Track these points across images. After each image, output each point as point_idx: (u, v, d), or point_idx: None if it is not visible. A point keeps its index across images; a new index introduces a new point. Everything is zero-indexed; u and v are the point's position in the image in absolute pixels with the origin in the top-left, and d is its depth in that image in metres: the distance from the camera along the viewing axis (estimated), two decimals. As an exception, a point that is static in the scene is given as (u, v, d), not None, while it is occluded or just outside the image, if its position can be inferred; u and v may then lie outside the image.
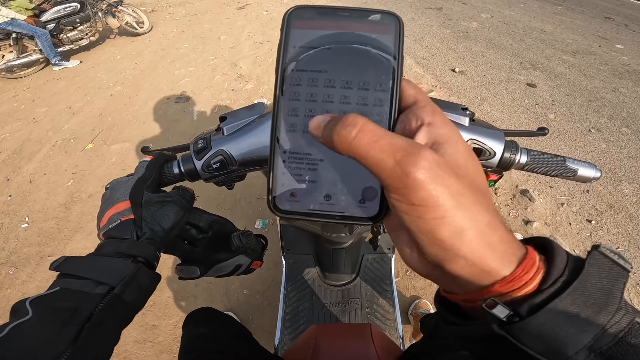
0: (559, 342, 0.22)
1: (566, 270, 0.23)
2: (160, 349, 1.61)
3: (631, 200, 2.12)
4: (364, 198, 0.27)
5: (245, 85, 3.63)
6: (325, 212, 0.27)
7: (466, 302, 0.26)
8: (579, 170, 0.59)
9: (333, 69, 0.27)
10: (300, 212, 0.27)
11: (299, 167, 0.27)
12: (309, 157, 0.27)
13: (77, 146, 2.99)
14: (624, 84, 3.27)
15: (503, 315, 0.23)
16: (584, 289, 0.22)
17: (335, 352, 0.76)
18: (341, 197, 0.27)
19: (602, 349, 0.21)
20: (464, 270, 0.23)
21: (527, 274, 0.23)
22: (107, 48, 5.11)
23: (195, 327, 0.80)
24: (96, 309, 0.38)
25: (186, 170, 0.54)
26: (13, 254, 2.10)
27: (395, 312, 1.20)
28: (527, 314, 0.22)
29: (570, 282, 0.22)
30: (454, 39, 4.35)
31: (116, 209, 0.48)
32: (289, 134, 0.27)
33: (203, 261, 0.58)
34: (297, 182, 0.27)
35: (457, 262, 0.23)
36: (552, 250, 0.24)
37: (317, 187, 0.27)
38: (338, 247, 1.09)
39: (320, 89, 0.27)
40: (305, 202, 0.27)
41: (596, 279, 0.23)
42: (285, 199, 0.27)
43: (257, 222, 2.13)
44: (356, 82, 0.26)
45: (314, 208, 0.27)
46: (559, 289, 0.22)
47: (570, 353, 0.21)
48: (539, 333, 0.22)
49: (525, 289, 0.23)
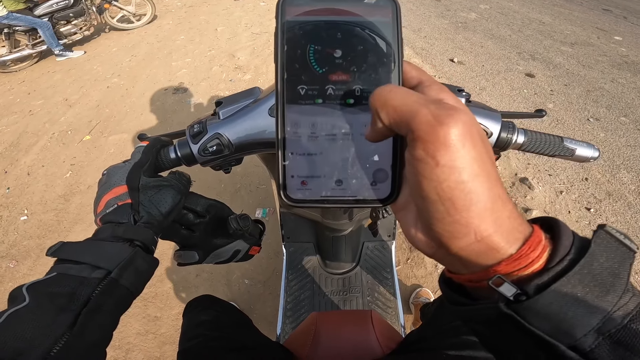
0: (567, 323, 0.21)
1: (572, 248, 0.23)
2: (163, 340, 1.62)
3: (630, 189, 2.13)
4: (376, 180, 0.27)
5: (244, 75, 3.60)
6: (337, 198, 0.27)
7: (471, 283, 0.25)
8: (577, 150, 0.59)
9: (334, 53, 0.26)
10: (313, 200, 0.27)
11: (308, 155, 0.27)
12: (318, 144, 0.27)
13: (75, 138, 2.98)
14: (623, 75, 3.26)
15: (510, 294, 0.22)
16: (590, 268, 0.22)
17: (335, 338, 0.76)
18: (352, 182, 0.27)
19: (610, 331, 0.21)
20: (471, 247, 0.23)
21: (534, 252, 0.22)
22: (102, 41, 5.05)
23: (196, 314, 0.80)
24: (93, 294, 0.38)
25: (183, 154, 0.54)
26: (13, 247, 2.09)
27: (396, 300, 1.21)
28: (535, 293, 0.22)
29: (577, 261, 0.22)
30: (452, 30, 4.32)
31: (113, 193, 0.47)
32: (295, 124, 0.26)
33: (201, 246, 0.57)
34: (307, 170, 0.27)
35: (466, 238, 0.22)
36: (558, 229, 0.24)
37: (328, 173, 0.27)
38: (338, 235, 1.09)
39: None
40: (317, 189, 0.27)
41: (603, 259, 0.22)
42: (296, 188, 0.27)
43: (258, 211, 2.13)
44: (358, 65, 0.26)
45: (326, 195, 0.27)
46: (565, 267, 0.22)
47: (579, 335, 0.21)
48: (546, 313, 0.21)
49: (532, 268, 0.22)
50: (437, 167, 0.21)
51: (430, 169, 0.21)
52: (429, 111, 0.21)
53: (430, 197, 0.22)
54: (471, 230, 0.22)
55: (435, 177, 0.21)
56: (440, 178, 0.21)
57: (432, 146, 0.21)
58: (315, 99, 0.26)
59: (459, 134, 0.21)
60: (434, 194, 0.22)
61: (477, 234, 0.22)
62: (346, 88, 0.26)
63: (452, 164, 0.21)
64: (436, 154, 0.21)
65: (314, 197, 0.27)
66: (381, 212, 0.80)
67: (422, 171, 0.22)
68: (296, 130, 0.26)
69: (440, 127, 0.21)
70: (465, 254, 0.23)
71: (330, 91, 0.26)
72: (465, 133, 0.21)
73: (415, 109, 0.22)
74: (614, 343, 0.21)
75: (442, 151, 0.21)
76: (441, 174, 0.21)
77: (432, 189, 0.22)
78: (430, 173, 0.22)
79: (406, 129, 0.22)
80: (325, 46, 0.26)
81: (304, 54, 0.26)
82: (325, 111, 0.26)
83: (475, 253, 0.23)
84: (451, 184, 0.21)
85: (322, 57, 0.26)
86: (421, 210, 0.24)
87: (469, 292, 0.27)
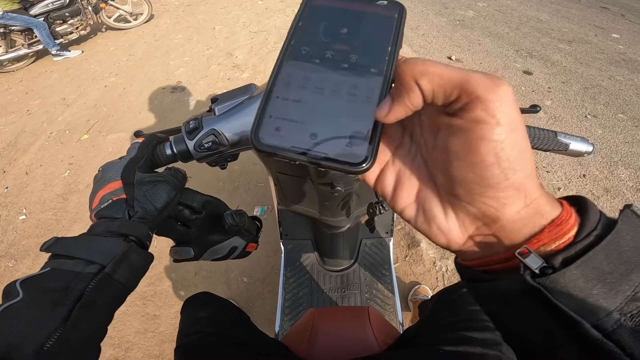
0: (591, 300, 0.21)
1: (599, 225, 0.23)
2: (162, 338, 1.62)
3: (627, 185, 2.13)
4: (352, 142, 0.26)
5: (242, 74, 3.60)
6: (308, 151, 0.26)
7: (495, 265, 0.25)
8: (571, 145, 0.59)
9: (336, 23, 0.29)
10: (281, 148, 0.26)
11: (292, 101, 0.27)
12: (304, 93, 0.27)
13: (73, 137, 2.97)
14: (620, 72, 3.26)
15: (536, 266, 0.22)
16: (617, 245, 0.22)
17: (332, 334, 0.76)
18: (327, 138, 0.26)
19: (632, 312, 0.21)
20: (521, 213, 0.23)
21: (571, 218, 0.23)
22: (100, 40, 5.04)
23: (194, 311, 0.80)
24: (87, 289, 0.38)
25: (179, 150, 0.54)
26: (12, 246, 2.09)
27: (394, 297, 1.21)
28: (561, 266, 0.21)
29: (603, 237, 0.22)
30: (450, 28, 4.31)
31: (108, 189, 0.47)
32: (289, 74, 0.28)
33: (197, 243, 0.57)
34: (286, 112, 0.27)
35: (517, 203, 0.23)
36: (586, 205, 0.24)
37: (304, 124, 0.26)
38: (336, 232, 1.09)
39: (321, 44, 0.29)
40: (289, 138, 0.26)
41: (629, 237, 0.22)
42: (269, 133, 0.27)
43: (256, 209, 2.13)
44: (359, 41, 0.28)
45: (296, 145, 0.26)
46: (592, 242, 0.22)
47: (602, 314, 0.21)
48: (572, 288, 0.21)
49: (565, 237, 0.22)
50: (498, 126, 0.21)
51: (491, 128, 0.21)
52: (480, 75, 0.22)
53: (487, 160, 0.22)
54: (522, 193, 0.22)
55: (496, 136, 0.21)
56: (500, 137, 0.21)
57: (493, 105, 0.21)
58: (313, 59, 0.28)
59: (511, 93, 0.22)
60: (492, 155, 0.22)
61: (528, 197, 0.22)
62: (343, 54, 0.28)
63: (509, 121, 0.21)
64: (497, 112, 0.21)
65: (284, 145, 0.26)
66: (378, 208, 0.80)
67: (482, 133, 0.22)
68: (288, 79, 0.28)
69: (500, 86, 0.21)
70: (513, 221, 0.23)
71: (329, 55, 0.28)
72: (512, 93, 0.22)
73: (464, 73, 0.22)
74: (637, 324, 0.21)
75: (503, 108, 0.21)
76: (501, 132, 0.21)
77: (490, 150, 0.22)
78: (490, 133, 0.21)
79: (458, 93, 0.22)
80: (334, 23, 0.29)
81: (315, 27, 0.29)
82: (320, 69, 0.28)
83: (523, 221, 0.23)
84: (510, 142, 0.22)
85: (329, 30, 0.29)
86: (466, 184, 0.24)
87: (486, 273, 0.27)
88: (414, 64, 0.23)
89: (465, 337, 0.64)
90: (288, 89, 0.27)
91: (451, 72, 0.22)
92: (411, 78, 0.23)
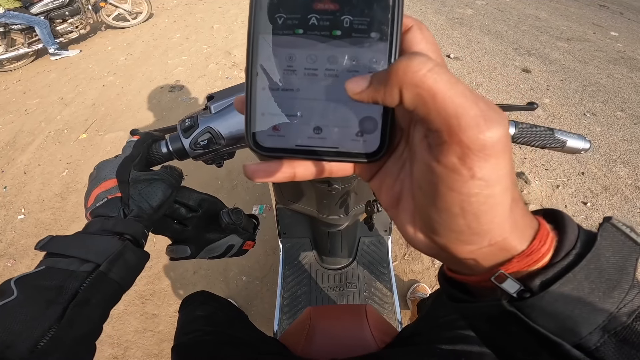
0: (572, 320, 0.20)
1: (578, 242, 0.21)
2: (161, 337, 1.62)
3: (626, 183, 2.13)
4: (362, 130, 0.23)
5: (240, 72, 3.59)
6: (315, 148, 0.23)
7: (474, 282, 0.24)
8: (568, 142, 0.60)
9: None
10: (285, 149, 0.23)
11: (283, 91, 0.23)
12: (295, 80, 0.22)
13: (71, 136, 2.96)
14: (619, 70, 3.26)
15: (513, 291, 0.21)
16: (597, 263, 0.21)
17: (330, 332, 0.76)
18: (334, 130, 0.23)
19: (616, 329, 0.20)
20: (481, 251, 0.21)
21: (544, 246, 0.21)
22: (98, 39, 5.02)
23: (192, 310, 0.80)
24: (81, 287, 0.38)
25: (174, 148, 0.54)
26: (11, 246, 2.09)
27: (393, 295, 1.21)
28: (539, 289, 0.21)
29: (583, 255, 0.21)
30: (449, 26, 4.31)
31: (103, 187, 0.47)
32: (270, 56, 0.22)
33: (194, 241, 0.57)
34: (280, 107, 0.23)
35: (478, 244, 0.21)
36: (563, 222, 0.22)
37: (305, 118, 0.23)
38: (334, 230, 1.09)
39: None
40: (291, 136, 0.23)
41: (609, 253, 0.21)
42: (267, 134, 0.23)
43: (255, 208, 2.13)
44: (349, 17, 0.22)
45: (302, 143, 0.23)
46: (571, 262, 0.21)
47: (584, 333, 0.20)
48: (551, 310, 0.20)
49: (539, 263, 0.21)
50: (472, 180, 0.18)
51: (463, 181, 0.18)
52: (479, 112, 0.17)
53: (452, 211, 0.20)
54: (486, 238, 0.20)
55: (465, 190, 0.18)
56: (471, 192, 0.18)
57: (474, 156, 0.18)
58: (294, 29, 0.22)
59: (504, 143, 0.18)
60: (458, 207, 0.19)
61: (492, 240, 0.20)
62: (332, 18, 0.21)
63: (489, 177, 0.18)
64: (475, 165, 0.18)
65: (287, 145, 0.23)
66: (376, 206, 0.80)
67: (451, 183, 0.19)
68: (270, 63, 0.22)
69: (489, 134, 0.17)
70: (473, 257, 0.21)
71: (314, 20, 0.21)
72: (508, 142, 0.18)
73: (464, 106, 0.17)
74: (620, 341, 0.20)
75: (482, 163, 0.18)
76: (473, 187, 0.18)
77: (456, 202, 0.19)
78: (460, 186, 0.18)
79: (440, 127, 0.18)
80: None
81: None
82: (306, 43, 0.22)
83: (484, 256, 0.21)
84: (480, 199, 0.19)
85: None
86: (429, 217, 0.21)
87: (469, 288, 0.26)
88: (408, 68, 0.18)
89: (463, 335, 0.63)
90: (273, 75, 0.22)
91: (450, 99, 0.17)
92: (396, 84, 0.18)
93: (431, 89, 0.17)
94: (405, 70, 0.18)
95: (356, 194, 0.93)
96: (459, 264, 0.23)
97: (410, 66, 0.18)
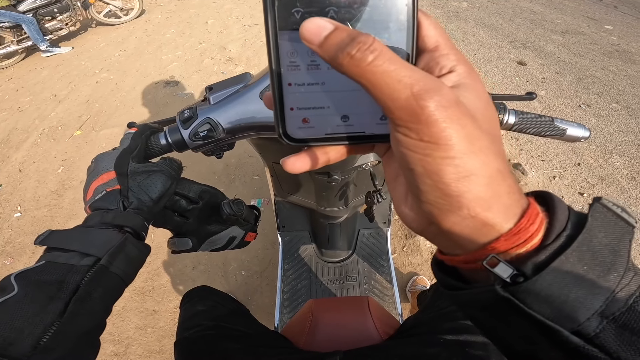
0: (569, 305, 0.20)
1: (569, 223, 0.21)
2: (162, 334, 1.62)
3: (622, 173, 2.14)
4: (385, 115, 0.24)
5: (235, 67, 3.57)
6: (344, 134, 0.25)
7: (466, 264, 0.23)
8: (568, 130, 0.60)
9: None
10: (316, 138, 0.25)
11: (309, 85, 0.23)
12: (319, 74, 0.23)
13: (65, 133, 2.94)
14: (613, 63, 3.27)
15: (506, 275, 0.20)
16: (590, 244, 0.20)
17: (333, 324, 0.76)
18: (360, 116, 0.24)
19: (614, 314, 0.20)
20: (464, 223, 0.21)
21: (532, 225, 0.21)
22: (90, 36, 4.96)
23: (192, 305, 0.80)
24: (82, 281, 0.37)
25: (173, 140, 0.53)
26: (8, 244, 2.08)
27: (393, 288, 1.21)
28: (533, 273, 0.20)
29: (574, 237, 0.20)
30: (444, 19, 4.30)
31: (101, 180, 0.46)
32: (291, 52, 0.23)
33: (195, 233, 0.57)
34: (309, 101, 0.24)
35: (458, 213, 0.20)
36: (553, 203, 0.22)
37: (332, 109, 0.24)
38: (333, 222, 1.09)
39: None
40: (320, 126, 0.25)
41: (602, 235, 0.21)
42: (297, 127, 0.25)
43: (253, 201, 2.12)
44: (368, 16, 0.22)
45: (331, 132, 0.25)
46: (563, 244, 0.20)
47: (582, 319, 0.20)
48: (546, 295, 0.20)
49: (530, 244, 0.21)
50: (421, 142, 0.19)
51: (414, 143, 0.20)
52: (410, 92, 0.19)
53: (416, 170, 0.20)
54: (463, 205, 0.20)
55: (419, 150, 0.20)
56: (425, 152, 0.19)
57: (413, 126, 0.19)
58: None
59: (443, 114, 0.19)
60: (419, 166, 0.20)
61: (470, 209, 0.20)
62: (351, 10, 0.22)
63: (436, 140, 0.19)
64: (419, 132, 0.19)
65: (318, 135, 0.25)
66: (376, 196, 0.79)
67: (405, 143, 0.20)
68: (293, 59, 0.23)
69: (422, 110, 0.19)
70: (458, 229, 0.21)
71: (332, 13, 0.22)
72: (450, 113, 0.19)
73: (393, 89, 0.19)
74: (620, 327, 0.20)
75: (424, 130, 0.19)
76: (425, 148, 0.19)
77: (417, 161, 0.20)
78: (413, 146, 0.20)
79: (382, 105, 0.20)
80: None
81: None
82: None
83: (469, 229, 0.21)
84: (437, 159, 0.19)
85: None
86: (409, 181, 0.22)
87: (463, 275, 0.26)
88: (358, 61, 0.19)
89: (466, 325, 0.63)
90: (298, 72, 0.23)
91: (387, 85, 0.19)
92: (351, 73, 0.20)
93: (369, 80, 0.19)
94: (348, 64, 0.19)
95: (355, 186, 0.93)
96: (447, 239, 0.23)
97: (351, 61, 0.19)
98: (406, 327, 0.75)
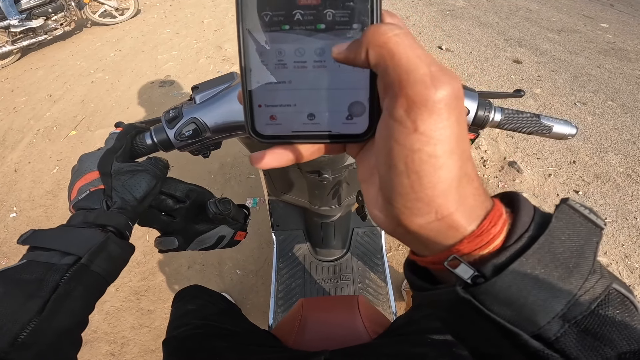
0: (528, 308, 0.20)
1: (532, 224, 0.21)
2: (157, 333, 1.62)
3: (618, 171, 2.15)
4: (352, 114, 0.25)
5: (231, 67, 3.56)
6: (310, 133, 0.25)
7: (434, 265, 0.24)
8: (554, 127, 0.60)
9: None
10: (283, 136, 0.26)
11: (276, 84, 0.24)
12: (287, 73, 0.24)
13: (61, 133, 2.93)
14: (609, 61, 3.28)
15: (467, 276, 0.21)
16: (551, 246, 0.20)
17: (321, 323, 0.76)
18: (326, 115, 0.25)
19: (576, 318, 0.19)
20: (431, 226, 0.21)
21: (494, 227, 0.21)
22: (85, 36, 4.94)
23: (183, 304, 0.80)
24: (62, 280, 0.38)
25: (159, 140, 0.53)
26: (4, 244, 2.07)
27: (387, 286, 1.21)
28: (492, 274, 0.20)
29: (536, 238, 0.20)
30: (440, 17, 4.31)
31: (85, 179, 0.46)
32: (260, 52, 0.24)
33: (182, 232, 0.57)
34: (276, 99, 0.25)
35: (426, 216, 0.20)
36: (518, 204, 0.22)
37: (298, 107, 0.25)
38: (327, 221, 1.09)
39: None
40: (287, 124, 0.25)
41: (565, 236, 0.21)
42: (265, 124, 0.25)
43: (248, 201, 2.12)
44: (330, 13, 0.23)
45: (297, 129, 0.25)
46: (524, 246, 0.20)
47: (542, 322, 0.19)
48: (505, 297, 0.20)
49: (491, 245, 0.21)
50: (414, 134, 0.19)
51: (407, 134, 0.19)
52: (428, 71, 0.19)
53: (398, 167, 0.20)
54: (432, 209, 0.20)
55: (409, 144, 0.19)
56: (414, 147, 0.19)
57: (417, 109, 0.19)
58: (281, 25, 0.23)
59: (449, 103, 0.19)
60: (402, 163, 0.20)
61: (438, 212, 0.20)
62: (316, 12, 0.23)
63: (431, 133, 0.19)
64: (418, 118, 0.19)
65: (284, 132, 0.25)
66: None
67: (397, 135, 0.20)
68: (262, 58, 0.24)
69: (435, 91, 0.18)
70: (425, 232, 0.21)
71: (298, 16, 0.23)
72: (454, 104, 0.19)
73: (416, 64, 0.19)
74: (582, 331, 0.19)
75: (425, 116, 0.19)
76: (416, 142, 0.19)
77: (401, 157, 0.20)
78: (404, 139, 0.19)
79: (392, 80, 0.19)
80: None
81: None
82: (293, 38, 0.23)
83: (435, 232, 0.21)
84: (423, 156, 0.19)
85: None
86: (384, 180, 0.22)
87: (435, 275, 0.25)
88: (376, 33, 0.20)
89: None
90: (266, 70, 0.24)
91: (406, 57, 0.19)
92: (365, 45, 0.20)
93: (391, 49, 0.19)
94: (373, 33, 0.20)
95: (348, 184, 0.93)
96: (414, 241, 0.23)
97: (378, 30, 0.20)
98: (396, 325, 0.75)
